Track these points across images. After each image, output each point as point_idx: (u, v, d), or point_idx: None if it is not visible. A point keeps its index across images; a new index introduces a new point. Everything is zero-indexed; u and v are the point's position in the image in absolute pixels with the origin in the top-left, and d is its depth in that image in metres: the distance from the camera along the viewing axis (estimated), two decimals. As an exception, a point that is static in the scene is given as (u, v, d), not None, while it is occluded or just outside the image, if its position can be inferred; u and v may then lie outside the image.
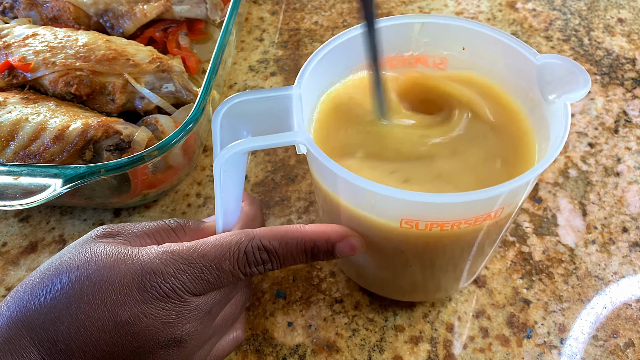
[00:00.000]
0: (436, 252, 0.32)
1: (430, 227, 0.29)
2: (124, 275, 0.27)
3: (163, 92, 0.48)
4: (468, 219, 0.28)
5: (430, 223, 0.28)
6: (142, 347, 0.27)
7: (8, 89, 0.48)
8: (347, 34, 0.34)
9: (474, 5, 0.62)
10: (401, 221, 0.29)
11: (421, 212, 0.28)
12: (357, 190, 0.29)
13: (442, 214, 0.28)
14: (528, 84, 0.33)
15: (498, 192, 0.26)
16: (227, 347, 0.34)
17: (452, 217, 0.28)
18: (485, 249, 0.34)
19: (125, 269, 0.27)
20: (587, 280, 0.41)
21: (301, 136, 0.29)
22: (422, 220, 0.28)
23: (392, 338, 0.38)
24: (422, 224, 0.29)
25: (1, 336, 0.26)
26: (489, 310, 0.39)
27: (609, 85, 0.54)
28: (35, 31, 0.49)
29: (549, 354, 0.37)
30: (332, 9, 0.63)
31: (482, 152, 0.33)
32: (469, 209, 0.28)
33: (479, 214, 0.28)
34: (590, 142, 0.49)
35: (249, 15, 0.63)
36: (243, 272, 0.30)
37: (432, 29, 0.36)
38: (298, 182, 0.48)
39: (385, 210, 0.29)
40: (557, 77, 0.31)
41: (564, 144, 0.29)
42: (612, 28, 0.59)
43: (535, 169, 0.27)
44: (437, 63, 0.38)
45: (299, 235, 0.30)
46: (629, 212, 0.44)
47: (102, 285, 0.27)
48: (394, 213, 0.29)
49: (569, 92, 0.30)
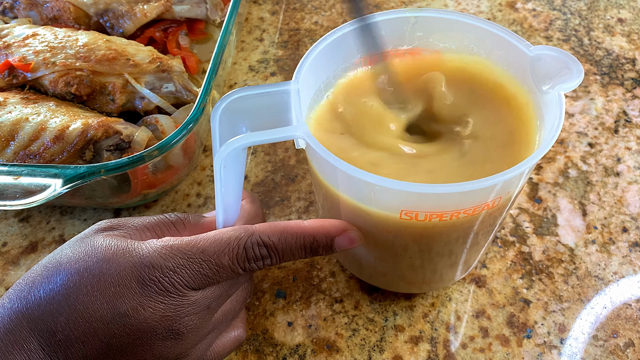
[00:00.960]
0: (435, 242, 0.33)
1: (429, 218, 0.29)
2: (123, 268, 0.27)
3: (163, 92, 0.48)
4: (466, 208, 0.29)
5: (430, 213, 0.29)
6: (140, 339, 0.28)
7: (8, 89, 0.48)
8: (342, 29, 0.34)
9: (474, 5, 0.63)
10: (401, 212, 0.29)
11: (421, 202, 0.28)
12: (357, 182, 0.29)
13: (441, 204, 0.28)
14: (522, 76, 0.34)
15: (495, 181, 0.27)
16: (227, 345, 0.34)
17: (451, 207, 0.28)
18: (481, 239, 0.35)
19: (125, 262, 0.28)
20: (587, 280, 0.41)
21: (300, 130, 0.29)
22: (422, 211, 0.29)
23: (392, 338, 0.38)
24: (421, 215, 0.29)
25: (2, 327, 0.26)
26: (489, 310, 0.39)
27: (609, 85, 0.54)
28: (35, 31, 0.49)
29: (549, 354, 0.37)
30: (332, 9, 0.63)
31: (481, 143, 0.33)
32: (468, 199, 0.28)
33: (477, 204, 0.29)
34: (590, 142, 0.49)
35: (249, 15, 0.63)
36: (242, 267, 0.30)
37: (425, 23, 0.36)
38: (298, 182, 0.48)
39: (385, 202, 0.29)
40: (551, 68, 0.31)
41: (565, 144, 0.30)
42: (612, 28, 0.59)
43: (530, 159, 0.28)
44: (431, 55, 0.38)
45: (298, 230, 0.31)
46: (629, 212, 0.44)
47: (102, 277, 0.27)
48: (394, 205, 0.29)
49: (563, 82, 0.30)
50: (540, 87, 0.32)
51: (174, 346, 0.29)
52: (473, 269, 0.41)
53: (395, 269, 0.37)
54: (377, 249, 0.35)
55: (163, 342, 0.28)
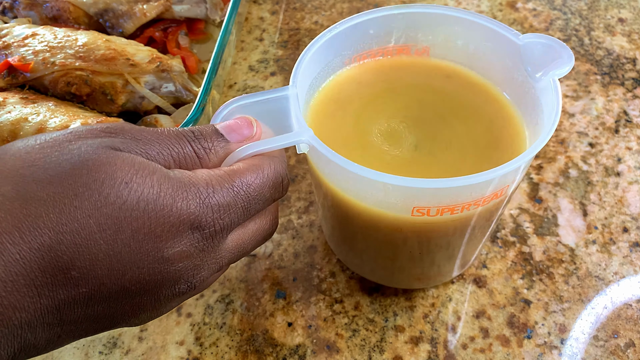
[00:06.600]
0: (445, 236, 0.33)
1: (441, 212, 0.29)
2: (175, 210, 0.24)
3: (163, 92, 0.48)
4: (477, 199, 0.29)
5: (442, 208, 0.29)
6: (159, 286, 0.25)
7: (7, 89, 0.48)
8: (335, 28, 0.35)
9: (474, 5, 0.62)
10: (413, 210, 0.29)
11: (434, 198, 0.29)
12: (368, 183, 0.29)
13: (454, 198, 0.29)
14: (514, 65, 0.34)
15: (511, 167, 0.27)
16: (258, 236, 0.30)
17: (463, 200, 0.29)
18: (487, 229, 0.35)
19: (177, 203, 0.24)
20: (587, 281, 0.41)
21: (305, 135, 0.29)
22: (434, 207, 0.29)
23: (392, 338, 0.38)
24: (433, 210, 0.29)
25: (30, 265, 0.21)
26: (489, 310, 0.39)
27: (609, 85, 0.54)
28: (34, 31, 0.49)
29: (550, 354, 0.37)
30: (332, 8, 0.63)
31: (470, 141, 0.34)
32: (481, 190, 0.29)
33: (486, 194, 0.29)
34: (591, 142, 0.49)
35: (249, 15, 0.63)
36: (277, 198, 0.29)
37: (413, 19, 0.36)
38: (298, 182, 0.48)
39: (397, 201, 0.30)
40: (541, 55, 0.32)
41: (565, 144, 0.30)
42: (613, 28, 0.59)
43: (538, 143, 0.28)
44: (419, 52, 0.38)
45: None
46: (629, 212, 0.44)
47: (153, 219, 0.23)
48: (406, 203, 0.29)
49: (554, 68, 0.31)
50: (533, 75, 0.32)
51: (179, 298, 0.27)
52: (473, 267, 0.41)
53: (402, 266, 0.37)
54: (385, 249, 0.35)
55: (173, 294, 0.26)
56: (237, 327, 0.39)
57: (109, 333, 0.39)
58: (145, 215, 0.23)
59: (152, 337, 0.39)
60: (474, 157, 0.33)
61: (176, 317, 0.40)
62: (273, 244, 0.43)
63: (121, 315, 0.25)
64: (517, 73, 0.34)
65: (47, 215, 0.21)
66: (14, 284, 0.21)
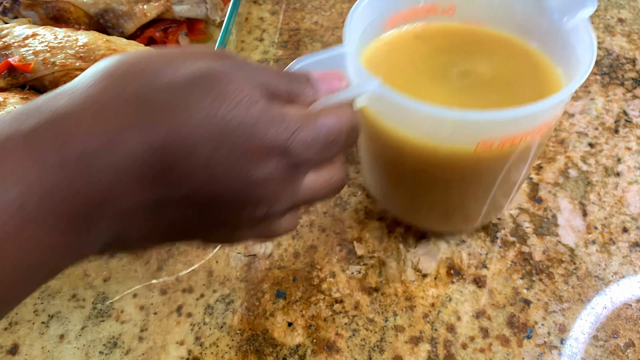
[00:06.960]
0: (501, 171, 0.35)
1: (503, 145, 0.31)
2: (268, 136, 0.26)
3: (163, 92, 0.48)
4: (534, 128, 0.31)
5: (505, 139, 0.31)
6: (236, 206, 0.26)
7: (8, 89, 0.48)
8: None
9: (474, 5, 0.63)
10: (477, 144, 0.31)
11: (499, 129, 0.30)
12: (438, 123, 0.31)
13: (515, 127, 0.30)
14: (538, 13, 0.37)
15: (567, 94, 0.30)
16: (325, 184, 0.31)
17: (524, 129, 0.31)
18: (534, 161, 0.38)
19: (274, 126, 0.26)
20: (587, 281, 0.41)
21: (375, 83, 0.30)
22: (498, 138, 0.30)
23: (392, 338, 0.38)
24: (496, 142, 0.31)
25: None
26: (489, 310, 0.39)
27: (609, 85, 0.54)
28: (35, 31, 0.49)
29: (549, 354, 0.37)
30: (332, 8, 0.63)
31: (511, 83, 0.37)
32: (537, 119, 0.31)
33: (542, 123, 0.31)
34: (591, 142, 0.49)
35: (249, 15, 0.63)
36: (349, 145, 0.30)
37: None
38: (298, 182, 0.48)
39: (463, 136, 0.31)
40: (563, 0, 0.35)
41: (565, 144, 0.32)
42: (612, 28, 0.59)
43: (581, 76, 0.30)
44: (445, 10, 0.41)
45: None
46: (629, 212, 0.44)
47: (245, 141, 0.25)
48: (473, 137, 0.31)
49: (581, 9, 0.34)
50: (561, 20, 0.35)
51: (255, 228, 0.29)
52: (473, 267, 0.41)
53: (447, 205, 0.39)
54: (439, 184, 0.37)
55: (252, 218, 0.27)
56: (237, 327, 0.39)
57: (109, 333, 0.39)
58: (244, 136, 0.25)
59: (152, 337, 0.39)
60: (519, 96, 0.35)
61: (176, 317, 0.40)
62: (273, 244, 0.44)
63: (204, 225, 0.27)
64: (542, 20, 0.37)
65: (163, 119, 0.23)
66: (126, 174, 0.23)
